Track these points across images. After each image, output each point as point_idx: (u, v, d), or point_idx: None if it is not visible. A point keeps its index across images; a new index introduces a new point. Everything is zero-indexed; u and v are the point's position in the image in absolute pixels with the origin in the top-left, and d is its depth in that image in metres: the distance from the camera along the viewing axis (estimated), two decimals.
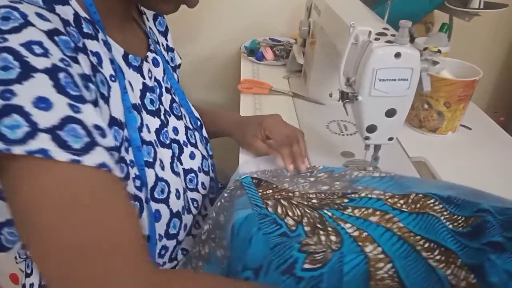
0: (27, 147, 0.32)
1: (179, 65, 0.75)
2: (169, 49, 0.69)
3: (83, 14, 0.44)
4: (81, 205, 0.35)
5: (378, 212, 0.51)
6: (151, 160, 0.50)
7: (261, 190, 0.57)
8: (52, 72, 0.35)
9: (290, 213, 0.52)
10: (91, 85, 0.40)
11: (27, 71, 0.34)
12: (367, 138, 0.60)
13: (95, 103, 0.40)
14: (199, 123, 0.67)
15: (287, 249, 0.47)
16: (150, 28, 0.63)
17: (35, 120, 0.33)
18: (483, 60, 1.25)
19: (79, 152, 0.34)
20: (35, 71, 0.34)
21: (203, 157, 0.64)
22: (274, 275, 0.44)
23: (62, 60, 0.36)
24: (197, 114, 0.67)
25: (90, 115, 0.37)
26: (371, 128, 0.59)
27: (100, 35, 0.46)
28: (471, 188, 0.56)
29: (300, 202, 0.55)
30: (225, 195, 0.57)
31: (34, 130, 0.33)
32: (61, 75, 0.35)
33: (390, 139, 0.61)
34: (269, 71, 1.08)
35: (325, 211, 0.54)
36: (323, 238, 0.50)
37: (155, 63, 0.59)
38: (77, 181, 0.35)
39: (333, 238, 0.50)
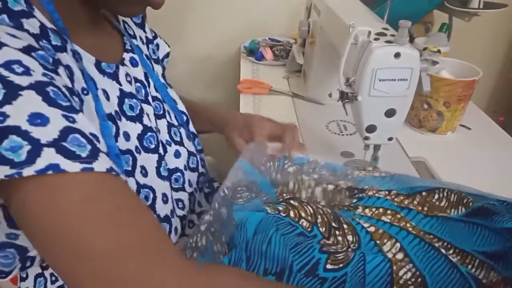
0: (36, 167, 0.32)
1: (168, 53, 0.72)
2: (149, 41, 0.66)
3: (49, 25, 0.43)
4: (105, 209, 0.35)
5: (389, 211, 0.51)
6: (129, 168, 0.49)
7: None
8: (38, 87, 0.34)
9: (303, 214, 0.52)
10: (74, 97, 0.39)
11: (13, 91, 0.32)
12: (366, 138, 0.60)
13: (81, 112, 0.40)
14: (185, 118, 0.65)
15: (308, 249, 0.46)
16: (125, 22, 0.60)
17: (36, 136, 0.32)
18: (483, 60, 1.25)
19: (89, 160, 0.34)
20: (21, 89, 0.33)
21: (190, 153, 0.62)
22: (297, 278, 0.44)
23: (44, 74, 0.35)
24: (182, 108, 0.65)
25: (85, 123, 0.36)
26: (371, 128, 0.59)
27: (69, 45, 0.45)
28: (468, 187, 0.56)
29: (311, 201, 0.54)
30: (228, 185, 0.56)
31: (37, 147, 0.32)
32: (48, 89, 0.34)
33: (390, 139, 0.61)
34: (268, 71, 1.08)
35: (335, 210, 0.53)
36: (339, 238, 0.49)
37: (133, 63, 0.57)
38: (95, 187, 0.35)
39: (349, 238, 0.49)
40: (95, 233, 0.34)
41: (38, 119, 0.33)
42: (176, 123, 0.62)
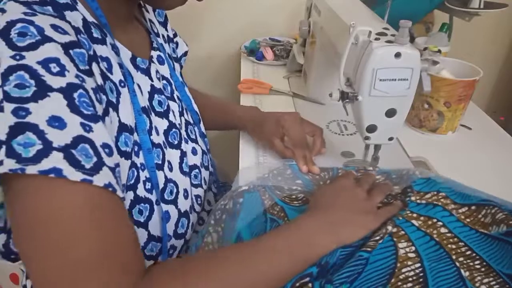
0: (40, 167, 0.33)
1: (186, 52, 0.73)
2: (170, 40, 0.68)
3: (90, 18, 0.44)
4: (86, 223, 0.36)
5: (422, 218, 0.51)
6: (160, 162, 0.50)
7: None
8: (67, 91, 0.35)
9: None
10: (102, 96, 0.40)
11: (43, 90, 0.34)
12: (367, 138, 0.60)
13: (106, 113, 0.40)
14: (198, 117, 0.66)
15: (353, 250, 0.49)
16: (150, 21, 0.62)
17: (50, 138, 0.33)
18: (483, 60, 1.25)
19: (91, 172, 0.35)
20: (51, 90, 0.34)
21: (203, 152, 0.64)
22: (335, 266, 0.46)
23: (77, 76, 0.36)
24: (195, 107, 0.67)
25: (100, 134, 0.37)
26: (371, 128, 0.59)
27: (108, 39, 0.46)
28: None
29: None
30: (274, 172, 0.60)
31: (48, 148, 0.33)
32: (76, 94, 0.35)
33: (390, 139, 0.61)
34: (269, 71, 1.08)
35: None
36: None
37: (160, 61, 0.58)
38: (86, 200, 0.35)
39: (389, 228, 0.50)
40: (71, 242, 0.35)
41: (56, 122, 0.34)
42: (191, 121, 0.64)
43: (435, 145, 0.78)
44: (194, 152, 0.60)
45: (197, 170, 0.60)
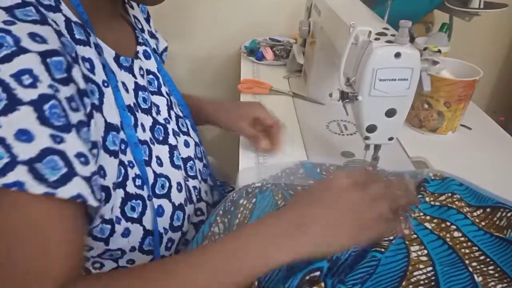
0: (4, 180, 0.33)
1: (166, 48, 0.74)
2: (152, 36, 0.68)
3: (74, 18, 0.44)
4: (33, 239, 0.36)
5: (435, 220, 0.51)
6: (147, 158, 0.51)
7: None
8: (37, 103, 0.35)
9: None
10: (86, 100, 0.40)
11: (13, 104, 0.34)
12: (367, 138, 0.60)
13: (90, 116, 0.41)
14: (188, 110, 0.67)
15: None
16: (135, 16, 0.62)
17: (15, 152, 0.34)
18: (483, 60, 1.25)
19: (55, 185, 0.35)
20: (21, 104, 0.34)
21: (196, 144, 0.65)
22: (345, 264, 0.46)
23: (50, 86, 0.36)
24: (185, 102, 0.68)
25: (73, 143, 0.37)
26: (371, 128, 0.59)
27: (92, 38, 0.46)
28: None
29: None
30: (287, 171, 0.62)
31: (13, 161, 0.34)
32: (47, 106, 0.36)
33: (390, 139, 0.61)
34: (269, 71, 1.08)
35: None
36: None
37: (147, 55, 0.59)
38: (44, 214, 0.36)
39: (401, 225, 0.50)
40: (10, 259, 0.36)
41: (24, 135, 0.34)
42: (181, 115, 0.64)
43: (435, 145, 0.78)
44: (186, 144, 0.61)
45: (191, 162, 0.61)
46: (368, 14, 0.65)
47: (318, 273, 0.42)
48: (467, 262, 0.46)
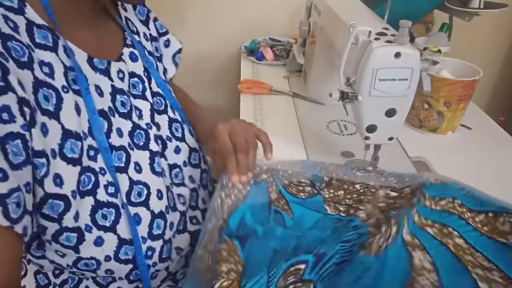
0: None
1: (180, 49, 0.72)
2: (153, 39, 0.66)
3: (40, 21, 0.43)
4: None
5: (437, 225, 0.51)
6: (122, 165, 0.49)
7: (332, 191, 0.58)
8: None
9: (361, 207, 0.55)
10: (25, 108, 0.39)
11: None
12: (367, 138, 0.60)
13: (31, 124, 0.40)
14: (185, 115, 0.65)
15: (350, 248, 0.49)
16: (127, 19, 0.61)
17: None
18: (483, 60, 1.25)
19: None
20: None
21: (192, 149, 0.62)
22: (331, 267, 0.46)
23: None
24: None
25: None
26: (371, 128, 0.59)
27: (61, 41, 0.45)
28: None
29: (370, 201, 0.56)
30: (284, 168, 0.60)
31: None
32: None
33: (390, 139, 0.61)
34: (269, 71, 1.08)
35: (391, 211, 0.54)
36: (383, 228, 0.51)
37: (133, 58, 0.57)
38: None
39: (394, 230, 0.50)
40: None
41: None
42: (179, 119, 0.62)
43: (435, 145, 0.78)
44: (177, 150, 0.59)
45: (177, 169, 0.58)
46: (368, 14, 0.66)
47: (303, 265, 0.43)
48: (470, 269, 0.46)
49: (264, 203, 0.55)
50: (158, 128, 0.57)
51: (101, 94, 0.49)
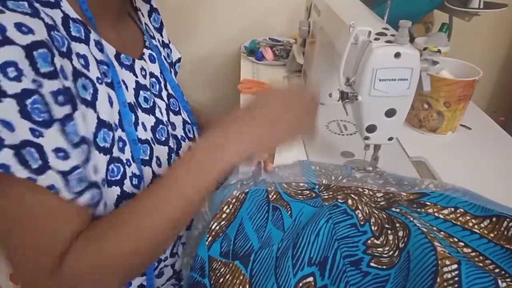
0: None
1: (179, 59, 0.75)
2: (165, 45, 0.70)
3: (74, 15, 0.45)
4: (21, 217, 0.39)
5: (442, 233, 0.50)
6: (147, 158, 0.51)
7: (331, 192, 0.58)
8: (20, 97, 0.36)
9: (360, 207, 0.53)
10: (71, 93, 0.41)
11: None
12: (367, 138, 0.60)
13: (74, 108, 0.41)
14: (194, 118, 0.68)
15: (354, 245, 0.47)
16: (145, 24, 0.64)
17: (2, 136, 0.35)
18: (483, 60, 1.25)
19: (36, 171, 0.37)
20: (5, 96, 0.35)
21: None
22: (341, 264, 0.45)
23: (34, 81, 0.37)
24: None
25: (52, 139, 0.38)
26: (371, 128, 0.59)
27: (92, 35, 0.47)
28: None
29: (368, 203, 0.55)
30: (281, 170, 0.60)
31: (0, 145, 0.35)
32: (29, 101, 0.37)
33: (390, 139, 0.61)
34: (269, 71, 1.08)
35: (393, 209, 0.53)
36: (390, 237, 0.49)
37: (152, 59, 0.60)
38: (26, 196, 0.38)
39: (400, 233, 0.48)
40: (8, 232, 0.39)
41: (6, 125, 0.36)
42: (189, 121, 0.65)
43: (434, 145, 0.78)
44: None
45: None
46: (368, 14, 0.65)
47: (311, 278, 0.42)
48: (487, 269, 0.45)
49: (263, 201, 0.55)
50: (174, 127, 0.60)
51: (126, 88, 0.51)
